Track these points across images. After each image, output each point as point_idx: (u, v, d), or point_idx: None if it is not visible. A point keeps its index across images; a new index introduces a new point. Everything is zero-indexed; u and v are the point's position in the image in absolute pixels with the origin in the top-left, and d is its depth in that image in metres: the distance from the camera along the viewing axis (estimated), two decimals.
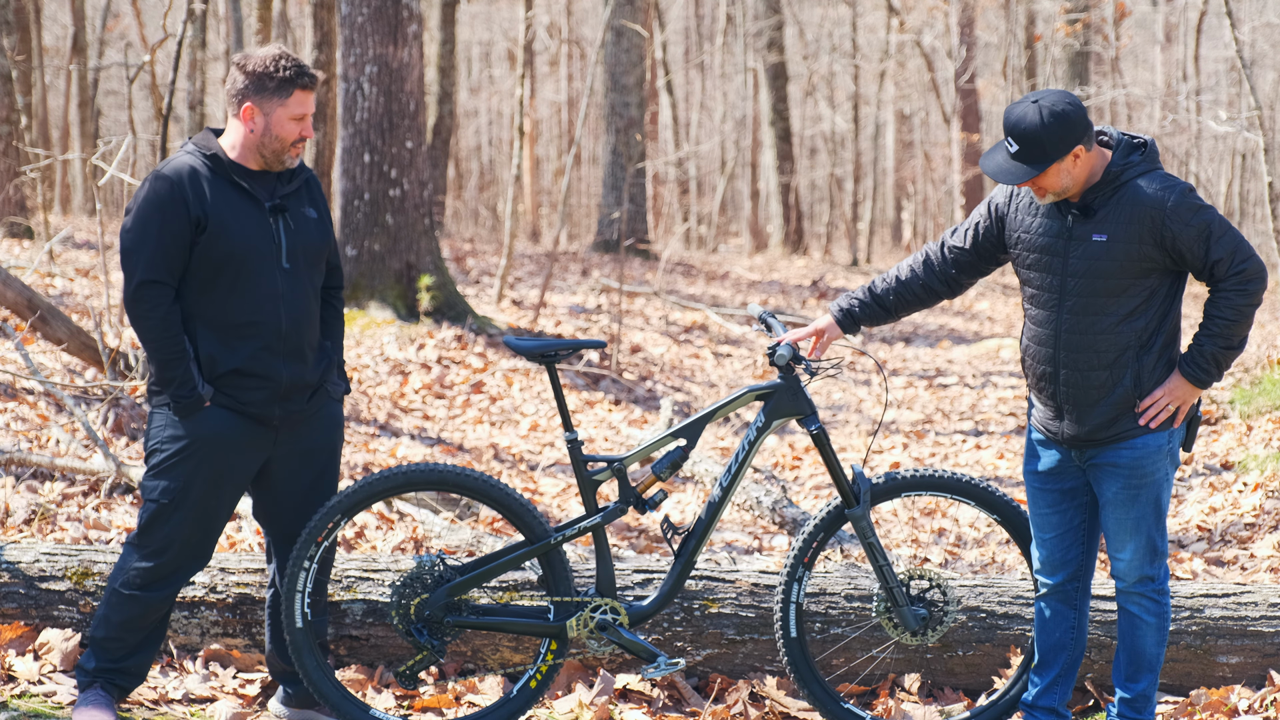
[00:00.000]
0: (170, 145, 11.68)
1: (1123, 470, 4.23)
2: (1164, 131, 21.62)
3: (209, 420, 4.25)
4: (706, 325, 16.30)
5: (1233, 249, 4.08)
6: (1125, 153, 4.17)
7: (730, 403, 4.49)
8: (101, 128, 28.33)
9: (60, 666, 4.70)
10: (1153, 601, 4.31)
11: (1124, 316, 4.15)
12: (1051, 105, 4.05)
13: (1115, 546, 4.30)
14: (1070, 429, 4.27)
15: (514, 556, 4.45)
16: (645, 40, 22.30)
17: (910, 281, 4.51)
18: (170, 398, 4.23)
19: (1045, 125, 4.03)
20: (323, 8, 15.56)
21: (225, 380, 4.25)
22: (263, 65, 4.25)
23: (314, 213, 4.42)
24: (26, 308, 8.40)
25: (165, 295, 4.20)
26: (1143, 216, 4.09)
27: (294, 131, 4.29)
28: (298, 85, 4.26)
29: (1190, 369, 4.17)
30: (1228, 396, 9.92)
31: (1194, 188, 4.15)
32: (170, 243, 4.18)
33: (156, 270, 4.18)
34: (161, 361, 4.21)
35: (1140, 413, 4.20)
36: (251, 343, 4.25)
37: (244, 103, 4.27)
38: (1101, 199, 4.14)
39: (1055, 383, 4.25)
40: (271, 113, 4.26)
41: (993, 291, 22.23)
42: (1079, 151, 4.08)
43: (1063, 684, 4.48)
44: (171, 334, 4.20)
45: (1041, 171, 4.07)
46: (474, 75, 39.31)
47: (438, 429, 10.40)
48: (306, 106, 4.29)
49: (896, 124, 37.93)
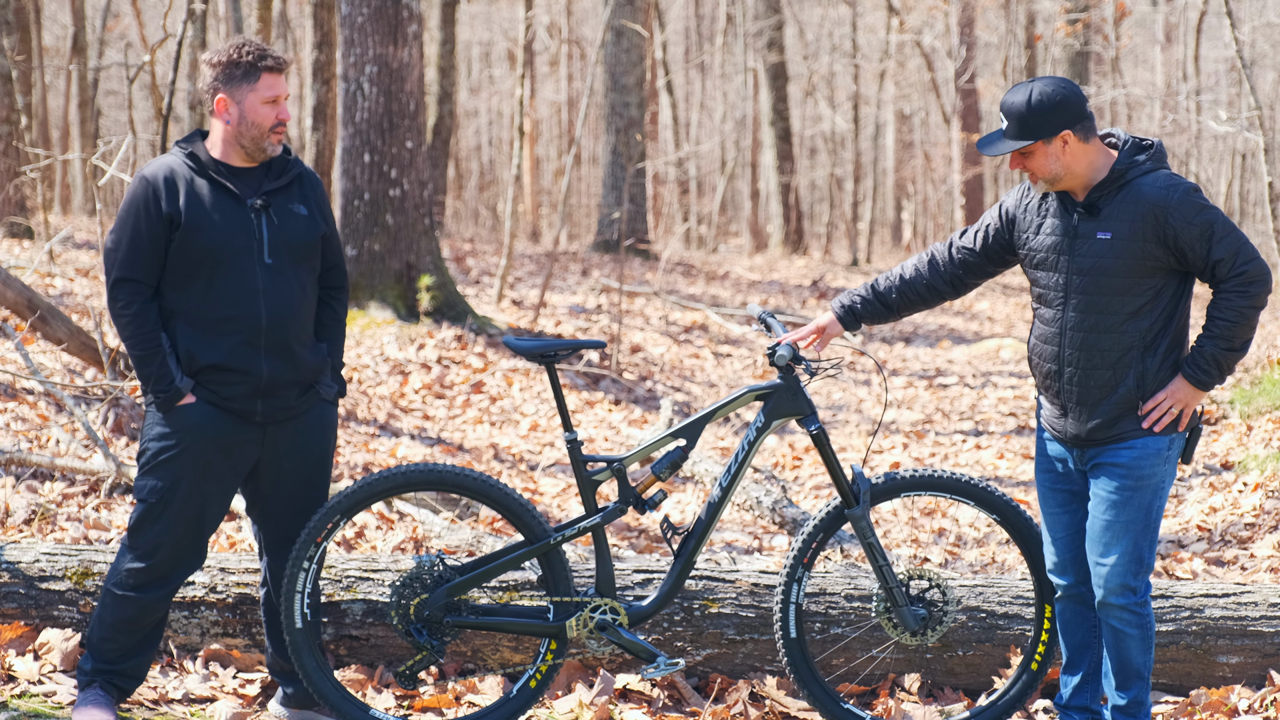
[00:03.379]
0: (170, 145, 11.67)
1: (1120, 470, 4.22)
2: (1164, 131, 21.61)
3: (192, 416, 4.26)
4: (706, 325, 16.30)
5: (1235, 250, 4.08)
6: (1131, 153, 4.19)
7: (730, 403, 4.49)
8: (101, 128, 28.32)
9: (60, 666, 4.70)
10: (1134, 615, 4.26)
11: (1129, 315, 4.15)
12: (1044, 85, 4.15)
13: (1099, 551, 4.25)
14: (1074, 427, 4.27)
15: (514, 556, 4.45)
16: (645, 40, 22.29)
17: (914, 280, 4.54)
18: (150, 393, 4.27)
19: (1032, 102, 4.12)
20: (323, 8, 15.56)
21: (205, 375, 4.27)
22: (227, 55, 4.29)
23: (304, 209, 4.41)
24: (26, 308, 8.40)
25: (139, 292, 4.24)
26: (1146, 214, 4.10)
27: (269, 115, 4.29)
28: (263, 68, 4.28)
29: (1192, 371, 4.16)
30: (1228, 396, 9.93)
31: (1199, 188, 4.16)
32: (143, 241, 4.23)
33: (130, 268, 4.24)
34: (138, 357, 4.26)
35: (1143, 415, 4.20)
36: (230, 338, 4.26)
37: (216, 96, 4.31)
38: (1107, 198, 4.16)
39: (1060, 380, 4.26)
40: (243, 100, 4.28)
41: (993, 291, 22.23)
42: (1068, 137, 4.12)
43: (1093, 681, 4.48)
44: (146, 330, 4.23)
45: (1025, 145, 4.13)
46: (474, 75, 39.30)
47: (438, 429, 10.40)
48: (278, 89, 4.30)
49: (896, 124, 37.94)
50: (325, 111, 15.58)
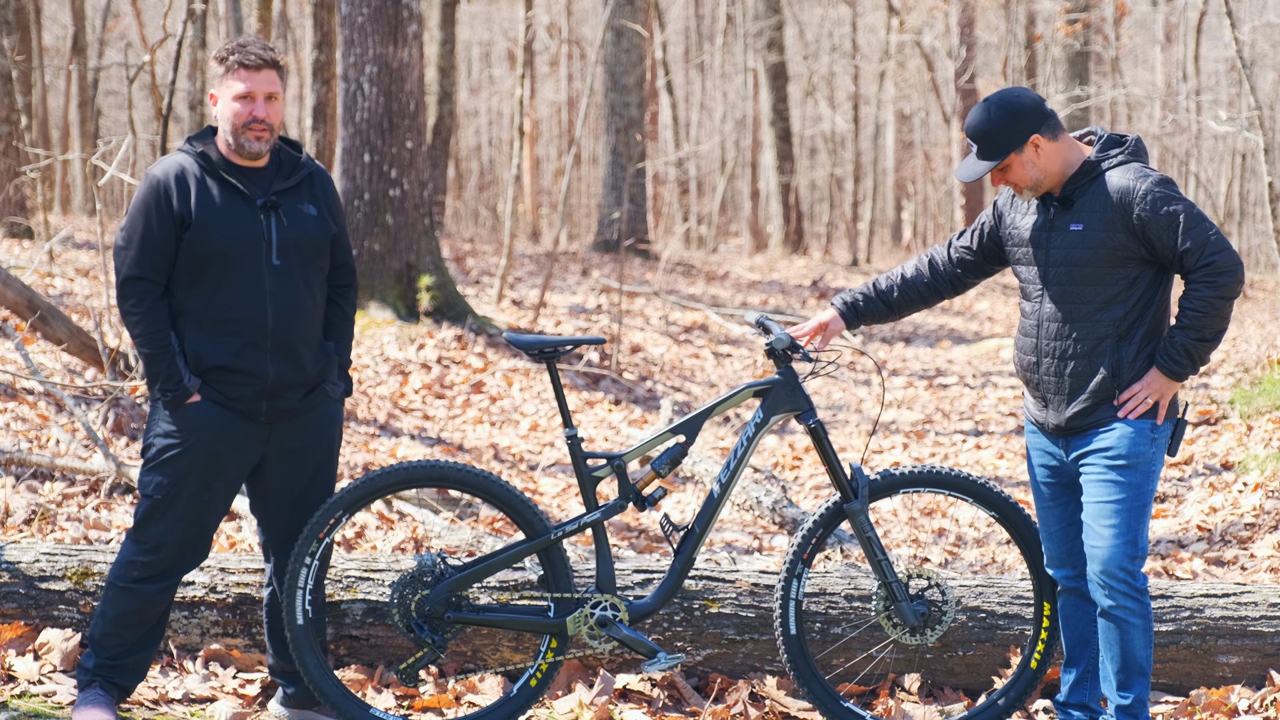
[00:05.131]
0: (170, 145, 11.68)
1: (1108, 454, 4.24)
2: (1164, 131, 21.63)
3: (199, 414, 4.27)
4: (706, 325, 16.30)
5: (1203, 241, 4.13)
6: (1106, 147, 4.27)
7: (729, 399, 4.50)
8: (101, 128, 28.33)
9: (60, 666, 4.70)
10: (1135, 601, 4.25)
11: (1101, 305, 4.21)
12: (999, 99, 4.22)
13: (1094, 537, 4.25)
14: (1054, 417, 4.33)
15: (514, 553, 4.46)
16: (645, 40, 22.29)
17: (915, 280, 4.62)
18: (158, 391, 4.27)
19: (992, 118, 4.19)
20: (323, 8, 15.56)
21: (211, 375, 4.28)
22: (219, 53, 4.33)
23: (313, 209, 4.41)
24: (26, 308, 8.40)
25: (149, 291, 4.25)
26: (1115, 204, 4.17)
27: (241, 112, 4.27)
28: (235, 64, 4.28)
29: (1164, 361, 4.21)
30: (1228, 396, 9.92)
31: (1171, 180, 4.22)
32: (154, 240, 4.23)
33: (140, 267, 4.24)
34: (147, 355, 4.26)
35: (1119, 405, 4.23)
36: (237, 339, 4.27)
37: (209, 93, 4.35)
38: (1080, 190, 4.24)
39: (1038, 371, 4.34)
40: (224, 96, 4.30)
41: (993, 291, 22.23)
42: (1038, 141, 4.19)
43: (1092, 679, 4.49)
44: (156, 328, 4.24)
45: (999, 163, 4.20)
46: (474, 75, 39.30)
47: (438, 429, 10.40)
48: (252, 84, 4.27)
49: (896, 124, 37.93)
50: (325, 111, 15.58)
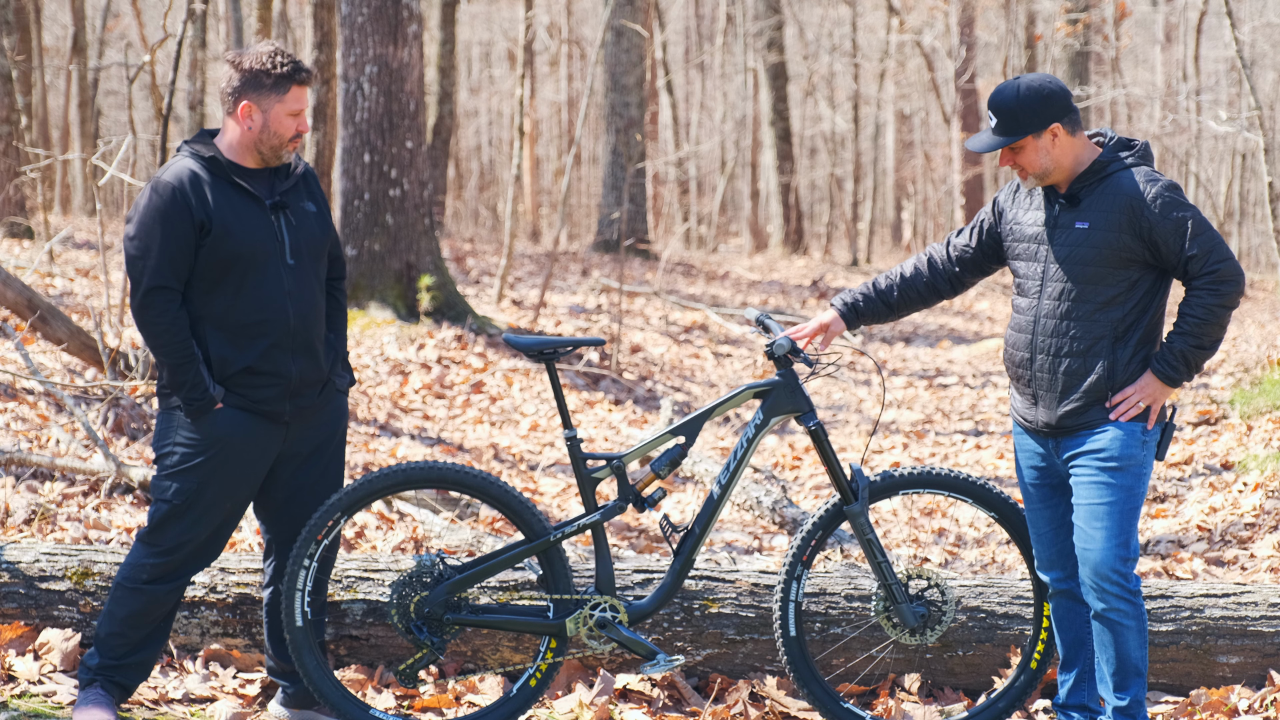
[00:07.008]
0: (170, 145, 11.68)
1: (1099, 455, 4.24)
2: (1164, 131, 21.63)
3: (222, 421, 4.26)
4: (706, 325, 16.29)
5: (1209, 248, 4.14)
6: (1115, 149, 4.28)
7: (729, 400, 4.50)
8: (101, 128, 28.32)
9: (60, 666, 4.70)
10: (1128, 603, 4.24)
11: (1101, 305, 4.21)
12: (1031, 80, 4.22)
13: (1086, 540, 4.25)
14: (1044, 415, 4.32)
15: (514, 554, 4.46)
16: (645, 40, 22.29)
17: (914, 279, 4.60)
18: (182, 401, 4.24)
19: (1021, 96, 4.19)
20: (323, 8, 15.55)
21: (236, 379, 4.27)
22: (259, 62, 4.25)
23: (313, 206, 4.44)
24: (26, 308, 8.40)
25: (172, 300, 4.22)
26: (1123, 206, 4.17)
27: (291, 127, 4.30)
28: (294, 81, 4.27)
29: (1160, 366, 4.21)
30: (1228, 396, 9.92)
31: (1179, 185, 4.23)
32: (175, 248, 4.19)
33: (162, 276, 4.19)
34: (172, 366, 4.23)
35: (1111, 407, 4.23)
36: (261, 341, 4.27)
37: (240, 101, 4.27)
38: (1087, 189, 4.24)
39: (1031, 368, 4.33)
40: (270, 109, 4.26)
41: (993, 291, 22.22)
42: (1057, 130, 4.19)
43: (1089, 680, 4.49)
44: (180, 338, 4.22)
45: (1015, 141, 4.19)
46: (474, 75, 39.30)
47: (438, 429, 10.40)
48: (303, 102, 4.31)
49: (896, 124, 37.94)
50: (325, 111, 15.58)
